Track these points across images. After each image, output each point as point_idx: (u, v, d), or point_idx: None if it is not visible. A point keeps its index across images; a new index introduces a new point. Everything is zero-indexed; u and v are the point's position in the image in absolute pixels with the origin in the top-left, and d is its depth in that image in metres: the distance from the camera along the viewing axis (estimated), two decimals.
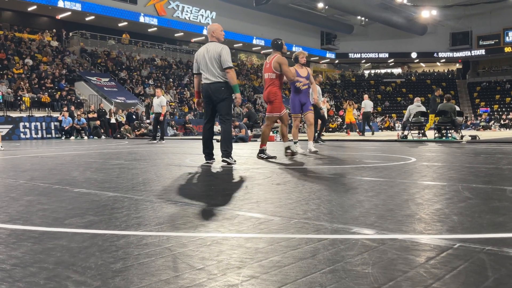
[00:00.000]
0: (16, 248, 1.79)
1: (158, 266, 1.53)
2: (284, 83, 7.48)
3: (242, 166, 5.22)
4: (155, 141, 13.97)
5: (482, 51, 45.92)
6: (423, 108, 13.48)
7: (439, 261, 1.54)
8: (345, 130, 21.42)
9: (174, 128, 23.21)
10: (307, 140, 7.94)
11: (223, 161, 5.50)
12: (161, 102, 13.85)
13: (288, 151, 6.76)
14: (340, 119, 34.19)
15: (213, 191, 3.23)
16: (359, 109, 21.48)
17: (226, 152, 5.52)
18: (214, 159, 5.77)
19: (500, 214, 2.31)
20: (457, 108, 12.59)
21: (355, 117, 19.80)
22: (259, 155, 6.44)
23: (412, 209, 2.49)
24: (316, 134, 11.41)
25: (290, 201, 2.77)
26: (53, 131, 19.81)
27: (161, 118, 13.94)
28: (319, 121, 11.67)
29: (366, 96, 19.27)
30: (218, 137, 6.15)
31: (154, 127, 14.72)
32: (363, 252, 1.65)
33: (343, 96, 44.73)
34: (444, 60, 49.47)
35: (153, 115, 14.44)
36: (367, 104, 17.99)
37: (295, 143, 7.77)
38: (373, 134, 17.99)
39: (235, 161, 5.58)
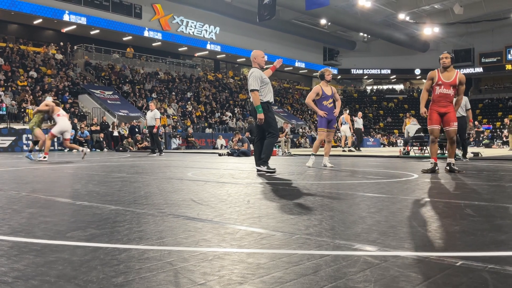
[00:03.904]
0: (18, 260, 1.78)
1: (159, 280, 1.53)
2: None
3: (244, 181, 5.22)
4: (154, 155, 13.98)
5: (484, 68, 46.10)
6: (418, 126, 13.93)
7: (441, 279, 1.53)
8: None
9: (179, 138, 23.28)
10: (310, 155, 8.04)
11: (257, 169, 6.32)
12: (155, 115, 13.92)
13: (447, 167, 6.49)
14: (340, 134, 34.18)
15: (214, 206, 3.23)
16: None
17: (262, 161, 6.25)
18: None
19: (502, 232, 2.30)
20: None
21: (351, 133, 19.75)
22: (446, 167, 6.49)
23: (414, 226, 2.48)
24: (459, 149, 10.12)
25: (292, 216, 2.76)
26: (56, 144, 19.86)
27: (155, 130, 14.00)
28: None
29: (360, 113, 19.61)
30: (221, 151, 6.38)
31: (151, 141, 14.76)
32: (365, 269, 1.65)
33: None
34: None
35: (147, 128, 14.48)
36: (359, 122, 18.48)
37: (311, 155, 7.90)
38: (358, 150, 18.30)
39: (273, 169, 6.18)
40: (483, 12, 36.68)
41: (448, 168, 6.45)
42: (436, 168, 6.40)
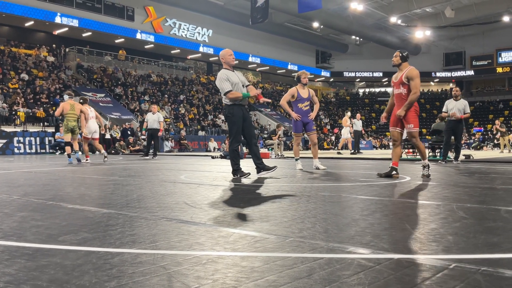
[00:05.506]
0: (9, 265, 1.77)
1: (152, 284, 1.52)
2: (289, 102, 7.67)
3: (237, 183, 5.21)
4: (148, 157, 13.93)
5: (475, 71, 46.49)
6: None
7: (435, 282, 1.54)
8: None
9: (171, 140, 23.23)
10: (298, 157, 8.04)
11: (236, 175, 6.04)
12: (158, 118, 13.92)
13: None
14: (333, 137, 34.35)
15: (207, 209, 3.22)
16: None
17: (233, 170, 6.04)
18: (247, 173, 6.05)
19: (495, 234, 2.31)
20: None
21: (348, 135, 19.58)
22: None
23: (407, 228, 2.49)
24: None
25: (286, 219, 2.76)
26: (47, 146, 19.72)
27: (160, 133, 14.06)
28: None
29: (358, 115, 19.43)
30: (214, 154, 6.30)
31: (148, 143, 14.70)
32: (358, 272, 1.65)
33: (338, 114, 44.99)
34: (437, 79, 50.01)
35: (147, 131, 14.41)
36: (358, 124, 18.33)
37: (296, 160, 7.89)
38: (357, 153, 18.04)
39: (247, 173, 5.99)
40: (474, 16, 37.02)
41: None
42: (393, 172, 5.97)
